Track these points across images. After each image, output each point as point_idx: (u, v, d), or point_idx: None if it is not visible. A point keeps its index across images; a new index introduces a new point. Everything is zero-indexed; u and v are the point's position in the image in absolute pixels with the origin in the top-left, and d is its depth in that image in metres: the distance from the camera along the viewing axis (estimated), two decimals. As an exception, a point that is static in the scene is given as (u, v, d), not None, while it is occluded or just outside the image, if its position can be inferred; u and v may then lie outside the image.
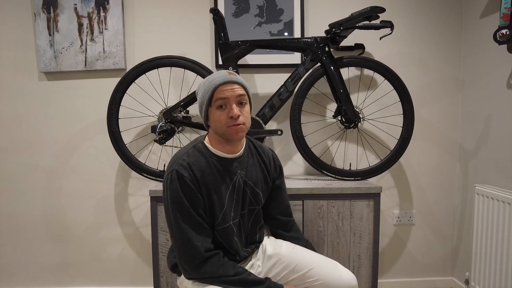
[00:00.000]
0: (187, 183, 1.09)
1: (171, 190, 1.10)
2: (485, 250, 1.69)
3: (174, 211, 1.10)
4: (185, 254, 1.09)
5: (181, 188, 1.09)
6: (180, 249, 1.10)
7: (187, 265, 1.09)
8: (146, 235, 2.06)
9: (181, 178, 1.09)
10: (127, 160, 1.76)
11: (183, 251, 1.09)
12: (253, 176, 1.24)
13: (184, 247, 1.09)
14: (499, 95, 1.73)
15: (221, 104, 1.10)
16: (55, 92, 1.99)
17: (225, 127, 1.10)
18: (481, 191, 1.71)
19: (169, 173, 1.10)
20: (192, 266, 1.09)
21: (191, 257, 1.08)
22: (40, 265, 2.07)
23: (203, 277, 1.10)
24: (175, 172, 1.09)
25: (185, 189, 1.09)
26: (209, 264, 1.09)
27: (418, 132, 2.03)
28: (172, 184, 1.09)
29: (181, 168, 1.10)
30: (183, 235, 1.09)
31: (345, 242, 1.62)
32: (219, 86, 1.09)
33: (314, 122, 2.01)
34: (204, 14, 1.96)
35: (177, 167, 1.10)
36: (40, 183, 2.03)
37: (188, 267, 1.09)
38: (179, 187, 1.09)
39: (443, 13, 1.98)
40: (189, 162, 1.11)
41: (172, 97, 1.98)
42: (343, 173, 1.78)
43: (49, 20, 1.91)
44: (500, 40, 1.57)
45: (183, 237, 1.09)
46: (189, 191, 1.10)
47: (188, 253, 1.08)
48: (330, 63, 1.70)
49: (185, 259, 1.09)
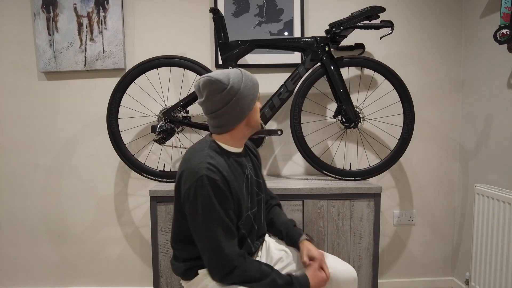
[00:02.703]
0: (219, 187, 1.06)
1: (202, 197, 1.05)
2: (485, 250, 1.69)
3: (206, 219, 1.06)
4: (215, 262, 1.07)
5: (214, 193, 1.05)
6: (211, 257, 1.07)
7: (217, 271, 1.08)
8: (146, 235, 2.05)
9: (212, 182, 1.05)
10: (126, 160, 1.76)
11: (214, 259, 1.07)
12: (254, 167, 1.29)
13: (216, 255, 1.07)
14: (499, 95, 1.72)
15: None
16: (54, 92, 1.98)
17: (259, 121, 1.20)
18: (481, 191, 1.71)
19: (198, 179, 1.05)
20: (223, 274, 1.07)
21: (222, 265, 1.07)
22: (40, 265, 2.07)
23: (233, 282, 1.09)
24: (206, 177, 1.05)
25: (217, 194, 1.06)
26: (237, 270, 1.08)
27: (418, 132, 2.03)
28: (203, 190, 1.05)
29: (210, 172, 1.06)
30: (215, 243, 1.06)
31: (345, 242, 1.62)
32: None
33: (314, 122, 2.00)
34: (204, 13, 1.96)
35: (205, 172, 1.05)
36: (40, 183, 2.03)
37: (219, 275, 1.08)
38: (211, 192, 1.05)
39: (443, 13, 1.98)
40: (214, 164, 1.08)
41: (172, 97, 1.97)
42: (343, 173, 1.77)
43: (49, 20, 1.91)
44: (501, 39, 1.57)
45: (215, 245, 1.06)
46: (221, 194, 1.07)
47: (219, 260, 1.07)
48: (330, 63, 1.70)
49: (216, 266, 1.07)
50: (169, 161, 2.01)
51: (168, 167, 2.01)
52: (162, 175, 1.76)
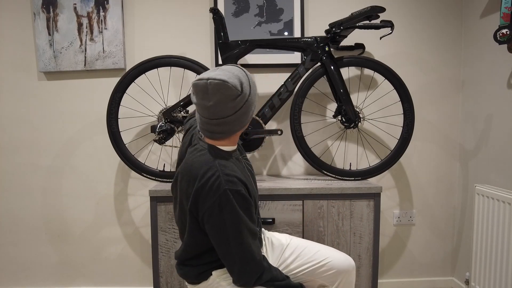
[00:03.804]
0: (244, 196, 1.04)
1: (228, 212, 1.02)
2: (485, 250, 1.69)
3: (236, 232, 1.03)
4: (249, 271, 1.06)
5: (239, 205, 1.03)
6: (243, 267, 1.06)
7: (250, 279, 1.07)
8: (146, 235, 2.05)
9: (236, 194, 1.02)
10: (126, 160, 1.76)
11: (247, 269, 1.06)
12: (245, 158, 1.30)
13: (248, 264, 1.06)
14: (499, 95, 1.72)
15: None
16: (54, 92, 1.98)
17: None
18: (481, 191, 1.71)
19: (221, 195, 1.01)
20: (255, 279, 1.07)
21: (254, 273, 1.06)
22: (40, 265, 2.07)
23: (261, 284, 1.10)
24: (229, 191, 1.01)
25: (242, 203, 1.04)
26: (266, 273, 1.09)
27: (418, 132, 2.03)
28: (228, 204, 1.01)
29: (231, 184, 1.02)
30: (247, 254, 1.05)
31: (345, 242, 1.62)
32: None
33: (314, 122, 2.00)
34: (204, 13, 1.96)
35: (227, 186, 1.01)
36: (40, 183, 2.03)
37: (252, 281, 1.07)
38: (236, 204, 1.02)
39: (443, 13, 1.98)
40: (231, 174, 1.04)
41: (172, 97, 1.97)
42: (343, 173, 1.77)
43: (49, 20, 1.91)
44: (501, 39, 1.57)
45: (248, 256, 1.05)
46: (245, 202, 1.05)
47: (252, 269, 1.06)
48: (330, 63, 1.70)
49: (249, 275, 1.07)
50: (169, 161, 2.01)
51: (168, 167, 2.01)
52: (162, 175, 1.76)
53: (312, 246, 1.31)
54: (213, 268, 1.15)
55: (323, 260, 1.26)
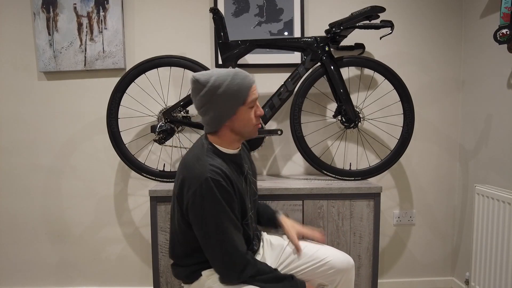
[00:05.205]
0: (224, 188, 1.06)
1: (209, 198, 1.04)
2: (485, 250, 1.69)
3: (218, 221, 1.05)
4: (230, 262, 1.07)
5: (220, 193, 1.05)
6: (224, 258, 1.07)
7: (233, 271, 1.08)
8: (146, 235, 2.05)
9: (217, 184, 1.05)
10: (126, 160, 1.76)
11: (228, 259, 1.07)
12: (250, 167, 1.30)
13: (229, 254, 1.07)
14: (499, 95, 1.72)
15: (253, 104, 1.13)
16: (54, 92, 1.98)
17: (252, 126, 1.15)
18: (481, 191, 1.71)
19: (203, 182, 1.04)
20: (239, 272, 1.07)
21: (237, 264, 1.07)
22: (40, 265, 2.07)
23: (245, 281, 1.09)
24: (210, 180, 1.04)
25: (223, 193, 1.06)
26: (249, 266, 1.09)
27: (418, 132, 2.03)
28: (209, 192, 1.04)
29: (214, 174, 1.05)
30: (228, 243, 1.06)
31: (345, 242, 1.62)
32: (252, 85, 1.12)
33: (314, 122, 2.00)
34: (204, 13, 1.96)
35: (210, 174, 1.04)
36: (39, 183, 2.03)
37: (235, 273, 1.08)
38: (217, 192, 1.05)
39: (443, 13, 1.98)
40: (217, 166, 1.07)
41: (172, 97, 1.97)
42: (343, 173, 1.77)
43: (49, 20, 1.91)
44: (501, 39, 1.57)
45: (228, 245, 1.06)
46: (227, 194, 1.07)
47: (233, 260, 1.07)
48: (330, 63, 1.70)
49: (231, 267, 1.07)
50: (169, 161, 2.01)
51: (168, 167, 2.00)
52: (162, 175, 1.76)
53: (312, 246, 1.31)
54: (202, 269, 1.16)
55: (323, 260, 1.26)
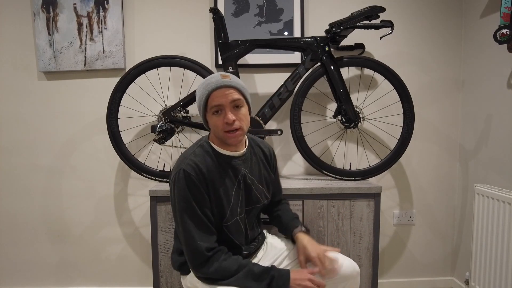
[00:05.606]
0: (194, 182, 1.11)
1: (178, 189, 1.11)
2: (485, 250, 1.69)
3: (180, 210, 1.12)
4: (189, 252, 1.12)
5: (188, 187, 1.10)
6: (185, 247, 1.13)
7: (191, 262, 1.13)
8: (146, 235, 2.05)
9: (188, 177, 1.10)
10: (126, 160, 1.76)
11: (187, 250, 1.12)
12: (257, 174, 1.27)
13: (188, 245, 1.11)
14: (499, 95, 1.72)
15: (216, 110, 1.11)
16: (54, 92, 1.98)
17: (222, 132, 1.12)
18: (481, 191, 1.71)
19: (177, 173, 1.12)
20: (196, 264, 1.11)
21: (194, 255, 1.11)
22: (40, 265, 2.07)
23: (208, 277, 1.11)
24: (183, 171, 1.11)
25: (192, 188, 1.11)
26: (211, 263, 1.10)
27: (418, 132, 2.03)
28: (179, 183, 1.11)
29: (189, 167, 1.11)
30: (187, 233, 1.11)
31: (345, 242, 1.62)
32: (213, 92, 1.10)
33: (314, 122, 2.00)
34: (204, 13, 1.96)
35: (184, 166, 1.11)
36: (39, 183, 2.03)
37: (192, 265, 1.13)
38: (186, 186, 1.10)
39: (443, 13, 1.98)
40: (196, 162, 1.13)
41: (172, 96, 1.97)
42: (343, 173, 1.77)
43: (49, 20, 1.91)
44: (500, 39, 1.57)
45: (187, 235, 1.11)
46: (195, 190, 1.11)
47: (192, 251, 1.11)
48: (330, 63, 1.70)
49: (189, 257, 1.12)
50: (169, 161, 2.01)
51: (168, 167, 2.00)
52: (162, 175, 1.76)
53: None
54: None
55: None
